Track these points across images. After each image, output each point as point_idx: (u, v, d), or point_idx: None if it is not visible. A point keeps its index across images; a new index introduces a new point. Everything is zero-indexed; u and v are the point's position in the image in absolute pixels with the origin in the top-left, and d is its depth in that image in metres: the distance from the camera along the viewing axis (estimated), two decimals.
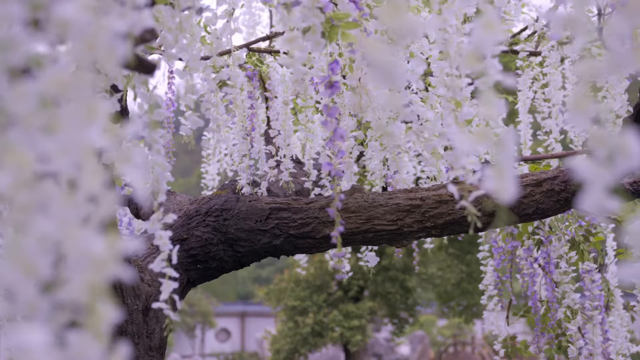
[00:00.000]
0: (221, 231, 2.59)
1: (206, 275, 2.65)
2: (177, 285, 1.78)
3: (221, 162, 4.41)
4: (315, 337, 12.39)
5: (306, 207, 2.52)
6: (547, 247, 3.08)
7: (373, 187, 3.25)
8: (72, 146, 0.69)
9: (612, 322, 3.78)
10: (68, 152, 0.69)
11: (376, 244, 2.60)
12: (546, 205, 2.33)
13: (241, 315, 55.93)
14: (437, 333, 44.21)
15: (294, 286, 12.58)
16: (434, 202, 2.39)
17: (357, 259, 12.67)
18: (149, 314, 2.43)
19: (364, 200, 2.45)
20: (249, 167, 2.88)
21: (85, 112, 0.71)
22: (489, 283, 3.72)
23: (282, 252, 2.61)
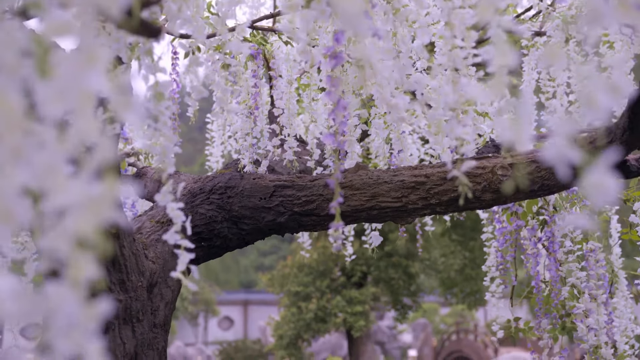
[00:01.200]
0: (225, 209, 2.59)
1: (210, 253, 2.65)
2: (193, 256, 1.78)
3: (225, 145, 4.40)
4: (319, 322, 12.40)
5: (310, 185, 2.52)
6: (552, 226, 3.07)
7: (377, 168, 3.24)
8: (69, 91, 0.68)
9: (616, 304, 3.78)
10: (64, 97, 0.68)
11: (380, 221, 2.59)
12: (552, 181, 2.32)
13: (244, 303, 56.03)
14: (439, 321, 44.29)
15: (297, 272, 12.58)
16: (439, 179, 2.38)
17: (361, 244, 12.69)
18: (153, 291, 2.43)
19: (368, 178, 2.44)
20: (252, 145, 2.87)
21: (86, 58, 0.70)
22: (492, 265, 3.72)
23: (287, 229, 2.60)
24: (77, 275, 0.66)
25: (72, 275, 0.66)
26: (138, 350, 2.31)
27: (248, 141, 2.89)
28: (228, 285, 66.98)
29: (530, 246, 3.24)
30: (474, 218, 13.40)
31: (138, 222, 2.66)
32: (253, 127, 2.89)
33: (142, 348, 2.33)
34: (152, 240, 2.55)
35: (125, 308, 2.30)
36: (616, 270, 3.83)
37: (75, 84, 0.68)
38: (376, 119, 2.70)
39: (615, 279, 3.82)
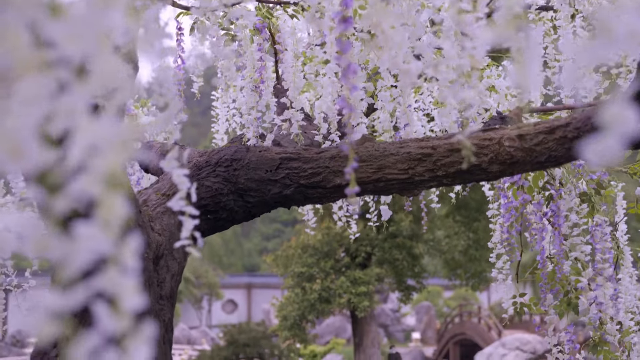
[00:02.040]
0: (231, 181, 2.58)
1: (216, 226, 2.65)
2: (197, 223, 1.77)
3: (230, 122, 4.40)
4: (323, 303, 12.41)
5: (317, 157, 2.51)
6: (557, 200, 3.07)
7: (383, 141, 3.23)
8: (85, 31, 0.67)
9: (622, 280, 3.78)
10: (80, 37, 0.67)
11: (387, 194, 2.59)
12: (559, 152, 2.31)
13: (247, 286, 56.23)
14: (443, 304, 44.38)
15: (301, 253, 12.58)
16: (446, 150, 2.37)
17: (365, 225, 12.69)
18: (159, 263, 2.43)
19: (374, 150, 2.44)
20: (257, 119, 2.86)
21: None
22: (498, 241, 3.71)
23: (293, 202, 2.60)
24: (109, 214, 0.66)
25: (103, 215, 0.66)
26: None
27: (253, 115, 2.88)
28: (232, 269, 67.18)
29: (536, 221, 3.24)
30: (478, 199, 13.40)
31: (144, 195, 2.66)
32: (258, 101, 2.88)
33: (149, 319, 2.33)
34: (157, 213, 2.54)
35: None
36: (622, 246, 3.83)
37: (93, 24, 0.67)
38: (382, 92, 2.69)
39: (620, 255, 3.82)
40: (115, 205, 0.67)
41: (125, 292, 0.67)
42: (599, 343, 3.58)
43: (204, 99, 3.91)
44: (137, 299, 0.67)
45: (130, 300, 0.67)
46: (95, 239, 0.65)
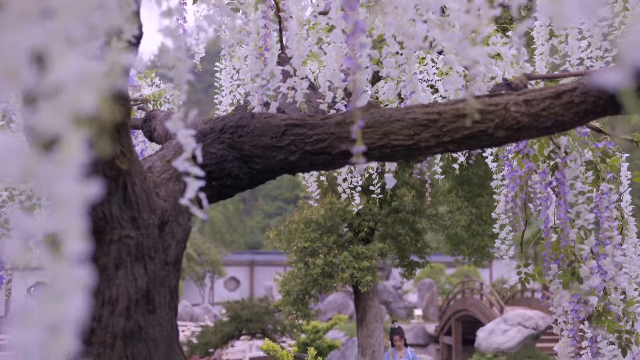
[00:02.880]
0: (236, 148, 2.58)
1: (221, 193, 2.64)
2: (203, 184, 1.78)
3: (234, 93, 4.39)
4: (326, 278, 12.43)
5: (322, 123, 2.50)
6: (563, 169, 3.06)
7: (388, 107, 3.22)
8: None
9: (626, 250, 3.78)
10: None
11: (393, 160, 2.58)
12: (565, 117, 2.30)
13: (250, 264, 56.40)
14: (445, 281, 44.52)
15: (304, 228, 12.59)
16: (452, 116, 2.36)
17: (368, 200, 12.68)
18: (164, 229, 2.43)
19: (380, 116, 2.42)
20: (262, 87, 2.85)
21: None
22: (501, 212, 3.71)
23: (298, 168, 2.59)
24: (69, 153, 0.65)
25: (64, 152, 0.65)
26: (150, 287, 2.31)
27: (258, 83, 2.87)
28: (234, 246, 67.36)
29: (541, 190, 3.24)
30: (480, 174, 13.40)
31: (149, 162, 2.66)
32: (263, 69, 2.87)
33: (154, 285, 2.33)
34: (163, 179, 2.54)
35: (137, 245, 2.29)
36: (626, 217, 3.83)
37: None
38: (388, 58, 2.67)
39: (625, 225, 3.82)
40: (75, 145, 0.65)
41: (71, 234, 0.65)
42: (602, 313, 3.59)
43: (207, 76, 3.89)
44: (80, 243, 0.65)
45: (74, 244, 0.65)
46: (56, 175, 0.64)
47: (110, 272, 2.24)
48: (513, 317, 21.30)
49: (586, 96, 2.28)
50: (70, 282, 0.63)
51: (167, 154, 2.67)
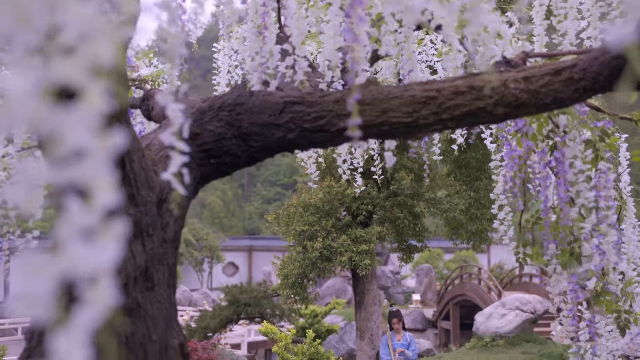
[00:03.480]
0: (234, 125, 2.57)
1: (219, 170, 2.64)
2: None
3: (232, 74, 4.38)
4: (324, 261, 12.44)
5: (320, 101, 2.49)
6: (562, 147, 3.05)
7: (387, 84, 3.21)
8: None
9: (624, 230, 3.78)
10: None
11: (391, 137, 2.57)
12: (564, 94, 2.30)
13: (248, 249, 56.53)
14: (443, 266, 44.62)
15: (303, 211, 12.60)
16: (451, 93, 2.36)
17: (367, 184, 12.66)
18: (162, 207, 2.42)
19: (378, 93, 2.41)
20: (261, 65, 2.84)
21: None
22: (500, 192, 3.71)
23: (296, 146, 2.58)
24: (91, 104, 0.64)
25: (86, 104, 0.64)
26: (149, 265, 2.31)
27: (257, 61, 2.86)
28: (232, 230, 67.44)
29: (540, 169, 3.23)
30: (479, 158, 13.40)
31: (147, 140, 2.65)
32: (262, 47, 2.86)
33: (153, 262, 2.33)
34: (161, 157, 2.54)
35: (136, 222, 2.29)
36: (625, 197, 3.83)
37: None
38: (387, 36, 2.66)
39: (623, 206, 3.82)
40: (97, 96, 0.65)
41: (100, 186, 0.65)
42: (601, 293, 3.59)
43: (204, 62, 3.89)
44: (110, 195, 0.65)
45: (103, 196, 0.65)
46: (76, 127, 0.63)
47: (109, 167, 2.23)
48: (511, 301, 21.35)
49: (585, 73, 2.27)
50: (105, 233, 0.63)
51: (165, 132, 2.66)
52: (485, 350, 19.88)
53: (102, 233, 0.63)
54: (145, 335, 2.25)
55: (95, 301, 0.61)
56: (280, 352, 10.50)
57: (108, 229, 0.63)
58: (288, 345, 10.60)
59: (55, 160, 0.62)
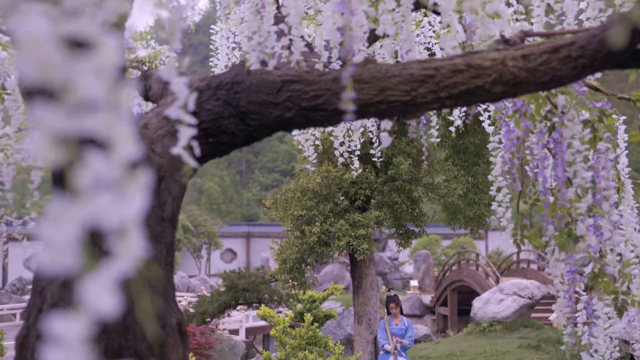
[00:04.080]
0: (232, 104, 2.56)
1: (217, 150, 2.63)
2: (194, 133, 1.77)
3: (229, 55, 4.37)
4: (322, 246, 12.45)
5: (318, 79, 2.48)
6: (560, 128, 3.05)
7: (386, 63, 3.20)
8: None
9: (622, 211, 3.78)
10: None
11: (390, 116, 2.56)
12: (563, 72, 2.30)
13: (246, 236, 56.65)
14: (441, 253, 44.72)
15: (301, 196, 12.59)
16: (449, 71, 2.35)
17: (365, 169, 12.65)
18: (160, 185, 2.42)
19: (376, 71, 2.41)
20: (259, 44, 2.83)
21: None
22: (498, 174, 3.70)
23: (294, 125, 2.58)
24: (105, 56, 0.64)
25: (100, 55, 0.64)
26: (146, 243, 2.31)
27: (255, 40, 2.85)
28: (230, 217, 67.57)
29: (538, 149, 3.23)
30: (477, 143, 13.40)
31: (144, 119, 2.64)
32: (260, 26, 2.85)
33: (151, 241, 2.33)
34: (158, 136, 2.53)
35: None
36: (623, 179, 3.83)
37: None
38: (385, 15, 2.65)
39: (621, 187, 3.82)
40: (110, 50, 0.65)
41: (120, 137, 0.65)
42: (599, 274, 3.60)
43: (202, 48, 3.88)
44: (131, 147, 0.65)
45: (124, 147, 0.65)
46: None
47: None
48: (509, 287, 21.41)
49: (584, 50, 2.27)
50: (131, 184, 0.63)
51: (163, 110, 2.65)
52: (483, 336, 19.94)
53: (126, 184, 0.63)
54: None
55: (125, 251, 0.61)
56: (278, 336, 10.52)
57: (131, 180, 0.63)
58: (286, 329, 10.62)
59: (70, 109, 0.61)
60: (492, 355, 16.57)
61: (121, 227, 0.62)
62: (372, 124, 4.90)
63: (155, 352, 2.28)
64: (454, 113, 4.35)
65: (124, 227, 0.62)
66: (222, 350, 15.47)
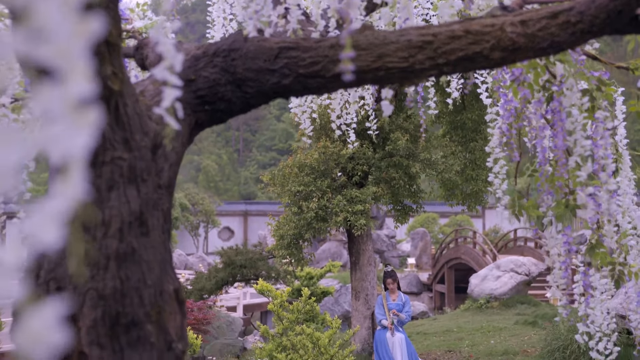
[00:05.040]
0: (229, 71, 2.55)
1: (214, 117, 2.62)
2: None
3: (226, 27, 4.35)
4: (320, 221, 12.44)
5: (316, 46, 2.47)
6: (559, 96, 3.04)
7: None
8: None
9: (620, 183, 3.78)
10: None
11: (387, 83, 2.55)
12: (561, 37, 2.29)
13: (244, 214, 56.75)
14: (438, 231, 44.81)
15: (298, 171, 12.57)
16: (447, 37, 2.34)
17: (362, 144, 12.64)
18: (157, 152, 2.41)
19: (374, 38, 2.40)
20: (256, 12, 2.82)
21: None
22: (496, 145, 3.70)
23: (291, 92, 2.57)
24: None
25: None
26: (143, 210, 2.30)
27: (252, 8, 2.83)
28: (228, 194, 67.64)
29: (537, 119, 3.22)
30: (475, 119, 13.38)
31: (141, 86, 2.63)
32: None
33: (147, 208, 2.32)
34: (155, 102, 2.52)
35: (130, 167, 2.28)
36: (621, 150, 3.83)
37: None
38: None
39: (619, 159, 3.82)
40: None
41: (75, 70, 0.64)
42: (596, 245, 3.60)
43: (199, 27, 3.85)
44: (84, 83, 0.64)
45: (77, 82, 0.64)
46: None
47: (103, 194, 2.23)
48: (506, 264, 21.47)
49: (583, 15, 2.26)
50: (78, 119, 0.61)
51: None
52: (480, 312, 20.02)
53: (76, 118, 0.61)
54: (141, 280, 2.25)
55: (68, 186, 0.60)
56: (276, 310, 10.55)
57: (82, 114, 0.62)
58: (283, 303, 10.65)
59: (29, 34, 0.60)
60: (489, 331, 16.64)
61: (66, 161, 0.61)
62: (369, 96, 4.88)
63: (152, 319, 2.28)
64: (452, 85, 4.33)
65: (68, 162, 0.61)
66: (219, 327, 15.54)
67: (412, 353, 12.07)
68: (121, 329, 2.20)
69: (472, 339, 16.00)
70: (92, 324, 2.18)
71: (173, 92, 1.51)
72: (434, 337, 16.69)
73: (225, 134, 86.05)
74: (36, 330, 0.57)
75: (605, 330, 4.11)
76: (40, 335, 0.57)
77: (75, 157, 0.61)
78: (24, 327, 0.57)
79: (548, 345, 12.43)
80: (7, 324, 13.63)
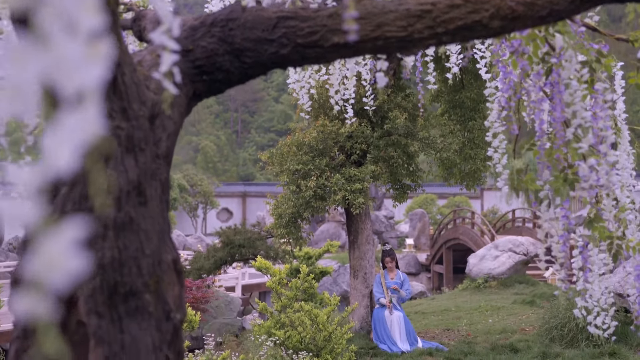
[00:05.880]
0: (227, 41, 2.54)
1: (212, 88, 2.62)
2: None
3: (224, 3, 4.34)
4: (318, 200, 12.44)
5: (314, 16, 2.46)
6: (558, 68, 3.03)
7: None
8: None
9: (619, 157, 3.78)
10: None
11: (386, 52, 2.54)
12: (561, 5, 2.28)
13: (242, 195, 56.78)
14: (437, 212, 44.84)
15: (297, 150, 12.55)
16: (446, 6, 2.33)
17: (360, 123, 12.61)
18: (155, 122, 2.40)
19: (373, 7, 2.39)
20: None
21: None
22: (495, 120, 3.69)
23: (290, 62, 2.56)
24: None
25: None
26: (141, 179, 2.30)
27: None
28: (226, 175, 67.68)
29: (535, 92, 3.21)
30: (473, 98, 13.35)
31: (139, 56, 2.62)
32: None
33: (145, 177, 2.32)
34: (152, 72, 2.51)
35: (128, 136, 2.27)
36: (619, 124, 3.83)
37: None
38: None
39: (618, 133, 3.81)
40: None
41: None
42: (594, 219, 3.60)
43: (197, 8, 3.83)
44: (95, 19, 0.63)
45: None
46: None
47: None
48: (504, 243, 21.50)
49: None
50: (89, 54, 0.61)
51: (158, 48, 2.63)
52: (478, 292, 20.07)
53: (89, 51, 0.61)
54: (139, 249, 2.25)
55: (83, 117, 0.59)
56: (274, 287, 10.57)
57: (94, 50, 0.61)
58: (282, 280, 10.66)
59: None
60: (487, 311, 16.68)
61: (80, 91, 0.60)
62: (366, 72, 4.87)
63: (150, 289, 2.28)
64: (451, 60, 4.32)
65: (82, 92, 0.60)
66: (218, 306, 15.56)
67: (410, 331, 12.13)
68: (119, 299, 2.20)
69: (470, 318, 16.05)
70: (90, 293, 2.18)
71: (171, 57, 1.51)
72: (432, 316, 16.73)
73: (224, 115, 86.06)
74: (53, 255, 0.56)
75: (603, 305, 4.12)
76: (57, 260, 0.56)
77: (90, 87, 0.60)
78: (39, 252, 0.56)
79: (546, 324, 12.48)
80: (5, 302, 13.64)
